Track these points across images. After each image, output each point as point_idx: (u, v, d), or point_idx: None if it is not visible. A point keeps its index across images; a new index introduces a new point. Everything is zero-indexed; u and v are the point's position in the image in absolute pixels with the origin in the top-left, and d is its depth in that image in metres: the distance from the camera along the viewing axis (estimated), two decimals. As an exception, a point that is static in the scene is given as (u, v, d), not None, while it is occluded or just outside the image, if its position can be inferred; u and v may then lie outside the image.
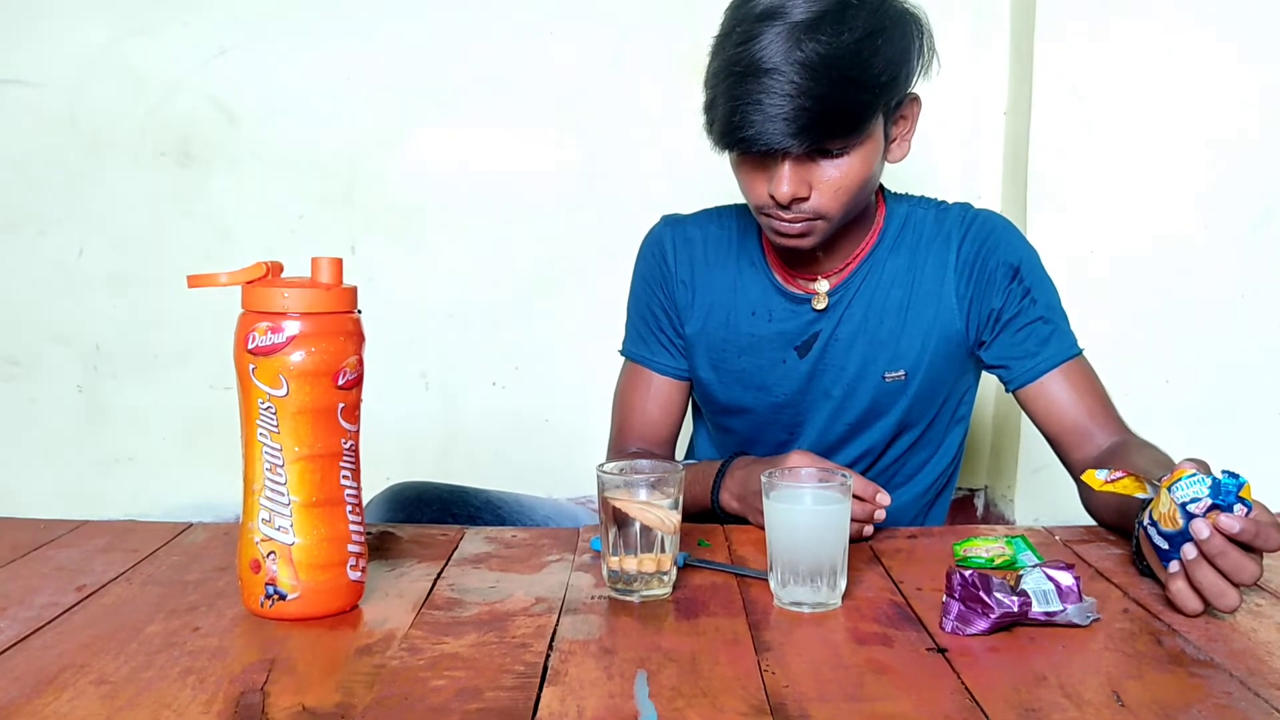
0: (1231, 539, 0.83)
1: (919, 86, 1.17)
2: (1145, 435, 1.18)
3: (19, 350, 2.12)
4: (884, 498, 1.05)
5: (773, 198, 1.11)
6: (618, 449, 1.37)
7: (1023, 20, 1.95)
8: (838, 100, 1.05)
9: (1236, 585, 0.84)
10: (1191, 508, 0.85)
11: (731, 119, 1.07)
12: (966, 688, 0.74)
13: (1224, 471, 0.86)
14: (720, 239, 1.33)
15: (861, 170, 1.12)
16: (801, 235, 1.15)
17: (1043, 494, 1.98)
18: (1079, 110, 1.89)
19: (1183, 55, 1.88)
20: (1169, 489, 0.87)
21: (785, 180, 1.10)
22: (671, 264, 1.35)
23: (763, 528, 0.95)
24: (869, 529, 1.07)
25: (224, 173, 2.07)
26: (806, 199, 1.12)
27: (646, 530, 0.91)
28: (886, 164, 1.19)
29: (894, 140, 1.18)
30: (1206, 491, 0.85)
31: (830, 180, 1.11)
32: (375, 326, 0.90)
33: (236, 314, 0.87)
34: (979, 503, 2.16)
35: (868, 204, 1.23)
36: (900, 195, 1.31)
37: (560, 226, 2.10)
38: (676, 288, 1.34)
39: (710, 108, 1.12)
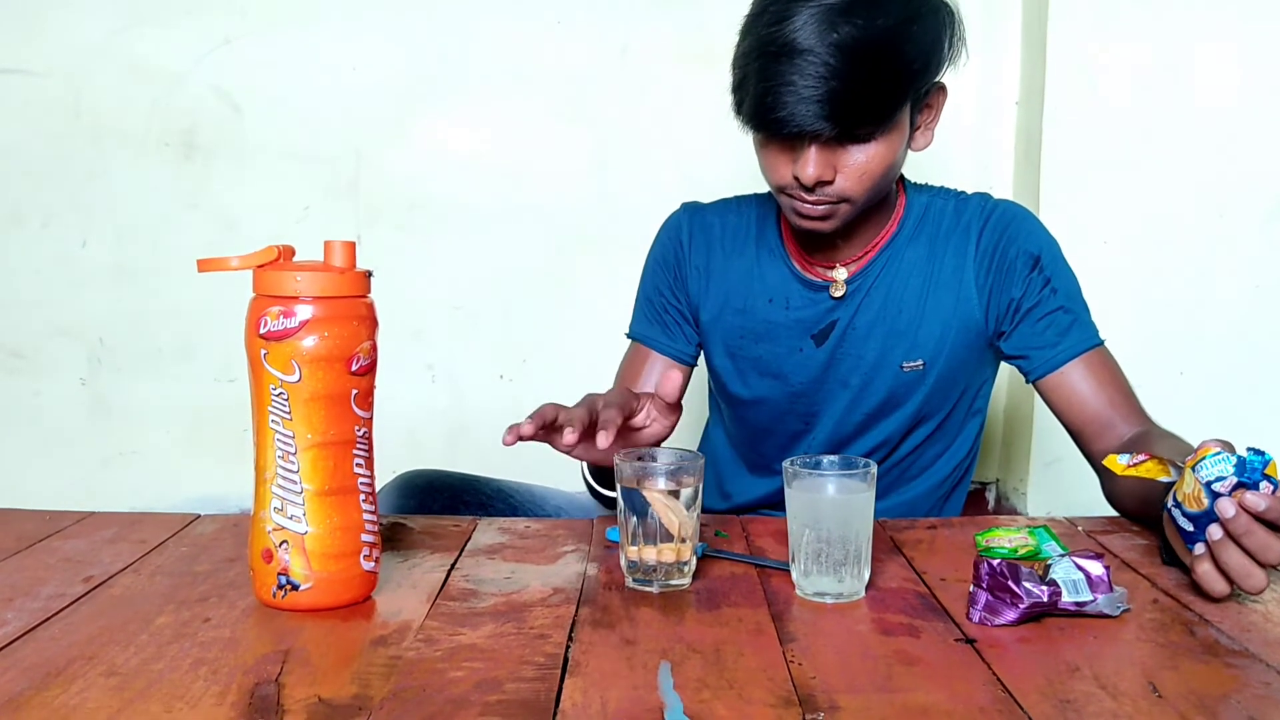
0: (1257, 517, 0.81)
1: (945, 76, 1.16)
2: (1162, 426, 1.17)
3: (22, 343, 2.11)
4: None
5: (797, 180, 1.10)
6: None
7: (1035, 9, 1.93)
8: (870, 85, 1.04)
9: (1263, 565, 0.82)
10: (1216, 486, 0.83)
11: (764, 99, 1.06)
12: (999, 679, 0.72)
13: (1249, 449, 0.84)
14: (738, 227, 1.32)
15: (887, 156, 1.11)
16: (823, 218, 1.14)
17: (1055, 487, 1.96)
18: (1092, 100, 1.87)
19: (1196, 44, 1.86)
20: (1193, 468, 0.85)
21: (811, 163, 1.08)
22: (687, 249, 1.33)
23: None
24: None
25: (229, 164, 2.06)
26: (831, 182, 1.10)
27: (666, 520, 0.89)
28: (909, 152, 1.18)
29: (918, 128, 1.17)
30: (1231, 469, 0.83)
31: (856, 165, 1.10)
32: (381, 319, 0.88)
33: (242, 306, 0.84)
34: (990, 496, 2.14)
35: (889, 191, 1.21)
36: (921, 185, 1.29)
37: (568, 218, 2.08)
38: (690, 272, 1.33)
39: (739, 88, 1.11)
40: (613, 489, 1.13)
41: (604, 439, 0.98)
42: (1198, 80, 1.86)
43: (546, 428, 1.00)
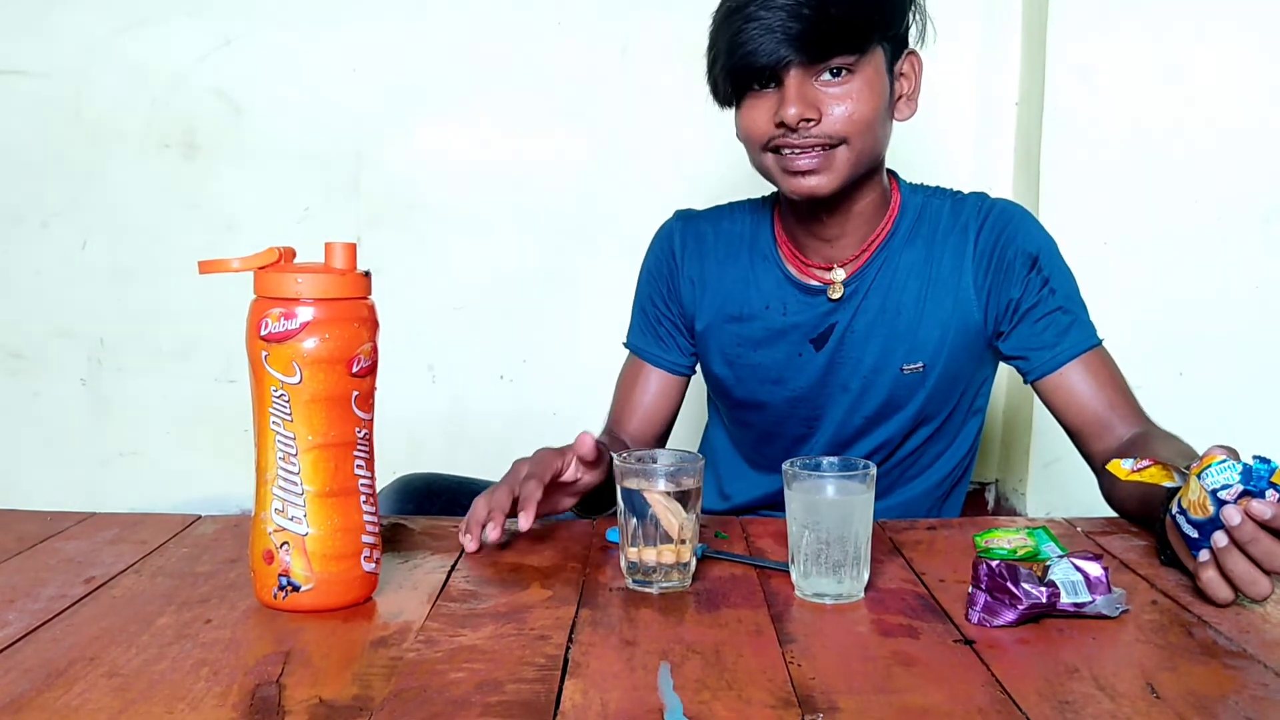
0: (1263, 525, 0.81)
1: (917, 47, 1.19)
2: (1161, 427, 1.17)
3: (23, 343, 2.11)
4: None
5: (782, 126, 1.11)
6: (609, 438, 1.35)
7: (1035, 11, 1.93)
8: (836, 10, 1.07)
9: (1268, 573, 0.82)
10: (1223, 494, 0.83)
11: (734, 41, 1.10)
12: (997, 680, 0.72)
13: (1255, 457, 0.84)
14: (732, 234, 1.32)
15: (869, 99, 1.12)
16: (819, 171, 1.14)
17: (1054, 488, 1.96)
18: (1091, 101, 1.87)
19: (1196, 45, 1.86)
20: (1199, 476, 0.85)
21: (792, 98, 1.10)
22: (679, 260, 1.33)
23: None
24: None
25: (229, 164, 2.06)
26: (817, 122, 1.11)
27: (665, 521, 0.89)
28: (895, 123, 1.19)
29: (900, 97, 1.19)
30: (1238, 477, 0.83)
31: (838, 109, 1.11)
32: (381, 319, 0.88)
33: (242, 307, 0.85)
34: (990, 496, 2.14)
35: (881, 181, 1.22)
36: (916, 186, 1.29)
37: (568, 219, 2.08)
38: (683, 284, 1.33)
39: (713, 61, 1.15)
40: (594, 512, 1.14)
41: (525, 520, 1.00)
42: (1197, 81, 1.86)
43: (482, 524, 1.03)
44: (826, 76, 1.11)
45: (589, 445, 1.06)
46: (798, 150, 1.13)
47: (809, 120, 1.11)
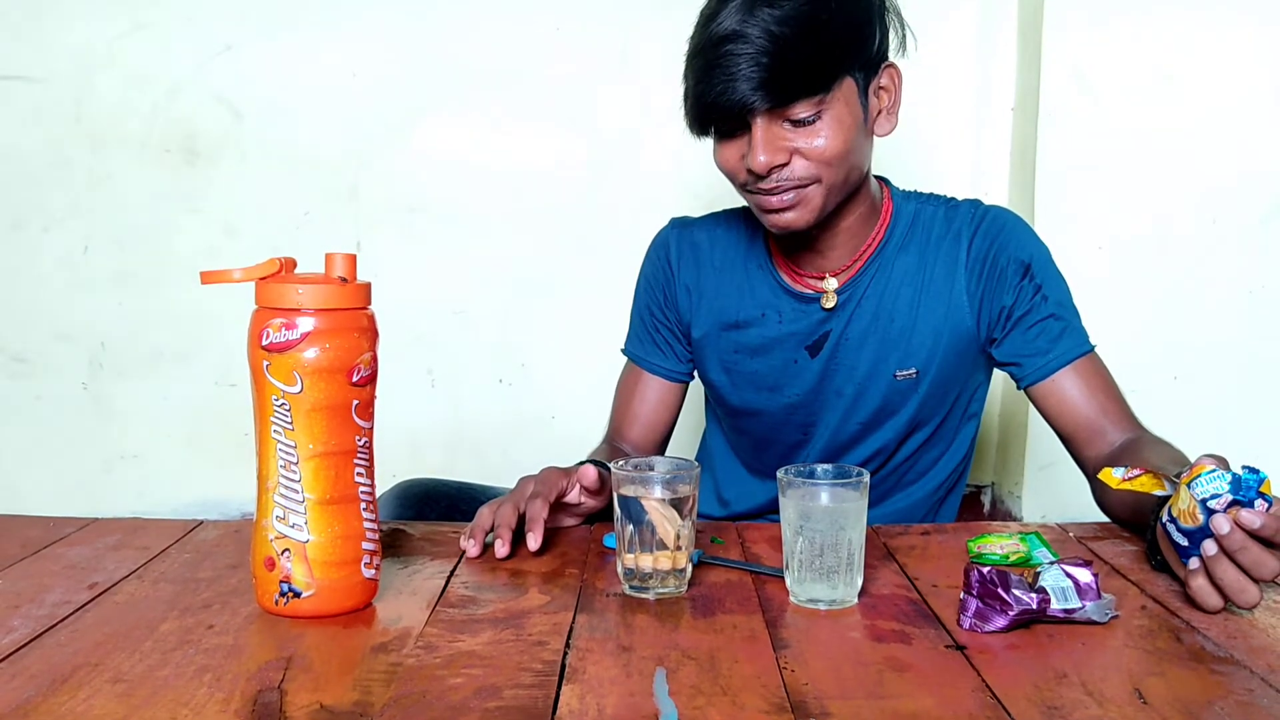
0: (1252, 534, 0.82)
1: (897, 59, 1.19)
2: (1154, 432, 1.18)
3: (24, 347, 2.12)
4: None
5: (752, 172, 1.12)
6: (610, 447, 1.37)
7: (1030, 15, 1.94)
8: (797, 55, 1.07)
9: (1257, 581, 0.84)
10: (1212, 504, 0.85)
11: (699, 86, 1.11)
12: (987, 685, 0.73)
13: (1244, 467, 0.85)
14: (727, 242, 1.33)
15: (839, 138, 1.11)
16: (790, 209, 1.15)
17: (1050, 491, 1.97)
18: (1087, 106, 1.89)
19: (1191, 49, 1.87)
20: (1189, 485, 0.87)
21: (759, 147, 1.10)
22: (675, 268, 1.35)
23: None
24: None
25: (229, 169, 2.07)
26: (786, 165, 1.12)
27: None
28: (877, 138, 1.20)
29: (879, 113, 1.18)
30: (1227, 487, 0.84)
31: (807, 148, 1.12)
32: (380, 324, 0.90)
33: (242, 311, 0.86)
34: (985, 499, 2.16)
35: (869, 193, 1.23)
36: (909, 193, 1.30)
37: (567, 224, 2.09)
38: (679, 292, 1.34)
39: (685, 97, 1.16)
40: (591, 518, 1.15)
41: (533, 541, 1.02)
42: (1192, 86, 1.87)
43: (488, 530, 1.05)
44: (795, 117, 1.10)
45: (592, 475, 1.08)
46: (771, 192, 1.14)
47: (779, 166, 1.12)
